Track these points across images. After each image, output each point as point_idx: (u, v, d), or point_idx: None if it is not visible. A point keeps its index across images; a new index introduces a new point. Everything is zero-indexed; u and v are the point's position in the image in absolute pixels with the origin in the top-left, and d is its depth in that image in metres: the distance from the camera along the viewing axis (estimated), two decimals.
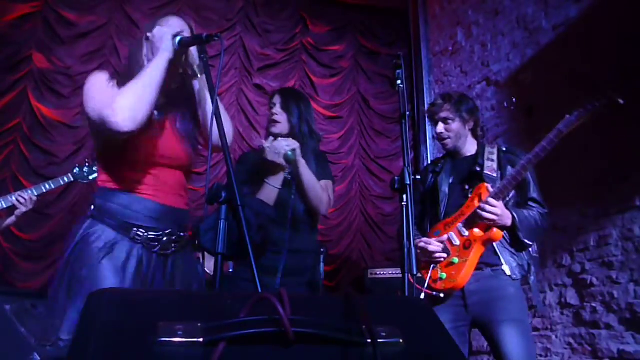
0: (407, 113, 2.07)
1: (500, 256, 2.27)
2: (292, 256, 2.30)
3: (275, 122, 2.41)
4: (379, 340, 0.80)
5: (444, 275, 2.27)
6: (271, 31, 5.87)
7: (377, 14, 6.29)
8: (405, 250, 1.88)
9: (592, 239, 3.48)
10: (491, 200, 2.19)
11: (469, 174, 2.42)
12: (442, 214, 2.42)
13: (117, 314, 0.75)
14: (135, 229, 1.64)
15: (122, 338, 0.72)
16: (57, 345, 1.52)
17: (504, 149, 2.46)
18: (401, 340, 0.83)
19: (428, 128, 5.74)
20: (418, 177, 2.46)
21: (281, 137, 2.34)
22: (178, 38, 1.70)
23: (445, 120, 2.47)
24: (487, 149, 2.45)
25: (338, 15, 6.16)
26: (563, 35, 3.97)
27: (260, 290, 1.35)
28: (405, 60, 2.17)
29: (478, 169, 2.38)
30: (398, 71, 2.13)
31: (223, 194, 1.43)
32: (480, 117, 2.56)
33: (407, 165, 1.97)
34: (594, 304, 3.40)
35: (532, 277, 2.34)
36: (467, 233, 2.28)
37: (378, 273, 4.71)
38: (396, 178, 1.97)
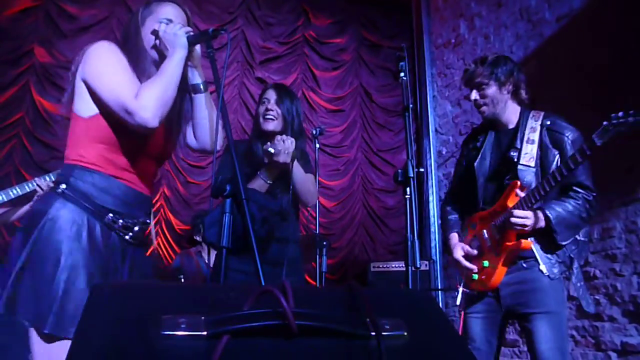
0: (410, 105, 2.06)
1: (537, 255, 2.11)
2: (281, 246, 2.28)
3: (270, 118, 2.35)
4: (383, 333, 0.80)
5: (476, 277, 2.20)
6: (273, 24, 5.85)
7: (379, 6, 6.26)
8: (409, 243, 1.89)
9: (595, 232, 3.47)
10: (517, 212, 2.04)
11: (504, 159, 2.21)
12: (480, 201, 2.27)
13: (120, 307, 0.75)
14: (110, 214, 1.58)
15: (125, 331, 0.72)
16: (17, 324, 1.46)
17: (548, 123, 2.18)
18: (405, 333, 0.83)
19: (431, 120, 5.73)
20: (422, 169, 2.40)
21: (275, 134, 2.31)
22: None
23: (479, 86, 2.25)
24: (530, 122, 2.21)
25: (340, 8, 6.13)
26: (567, 27, 3.95)
27: (263, 283, 1.35)
28: (407, 52, 2.15)
29: (514, 154, 2.16)
30: (401, 63, 2.11)
31: (227, 188, 1.43)
32: (522, 78, 2.29)
33: (410, 158, 1.96)
34: (597, 296, 3.40)
35: (575, 273, 2.15)
36: (498, 236, 2.15)
37: (381, 266, 4.72)
38: (399, 171, 1.96)
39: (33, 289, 1.42)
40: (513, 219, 2.03)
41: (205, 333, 0.73)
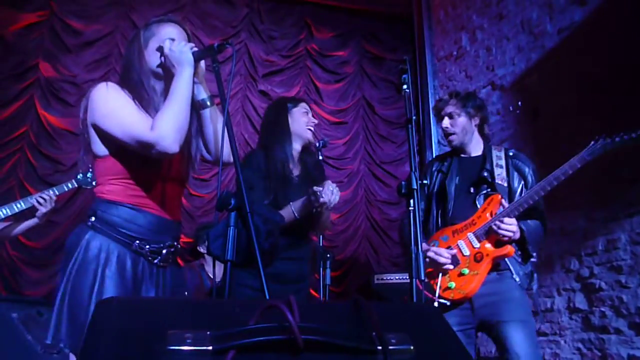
0: (413, 117, 2.07)
1: (510, 266, 2.30)
2: (294, 263, 2.36)
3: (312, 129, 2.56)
4: (389, 347, 0.79)
5: (453, 285, 2.28)
6: (276, 38, 5.89)
7: (382, 19, 6.30)
8: (413, 255, 1.87)
9: (600, 243, 3.45)
10: (507, 219, 2.21)
11: (477, 178, 2.42)
12: (449, 216, 2.42)
13: (126, 322, 0.75)
14: (137, 241, 1.65)
15: (131, 346, 0.72)
16: (62, 353, 1.52)
17: (511, 154, 2.45)
18: (412, 347, 0.82)
19: (434, 132, 5.73)
20: (425, 181, 2.47)
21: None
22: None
23: (451, 115, 2.48)
24: (494, 152, 2.45)
25: (342, 21, 6.17)
26: (568, 39, 3.96)
27: (268, 297, 1.34)
28: (410, 65, 2.16)
29: (486, 174, 2.38)
30: (404, 76, 2.12)
31: (232, 201, 1.43)
32: (487, 115, 2.55)
33: (413, 170, 1.96)
34: (602, 309, 3.37)
35: (535, 286, 2.42)
36: (478, 245, 2.29)
37: (385, 278, 4.69)
38: (403, 183, 1.96)
39: (71, 317, 1.50)
40: (503, 226, 2.20)
41: (211, 348, 0.73)
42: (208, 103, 1.78)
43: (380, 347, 0.79)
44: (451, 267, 2.31)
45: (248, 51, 5.71)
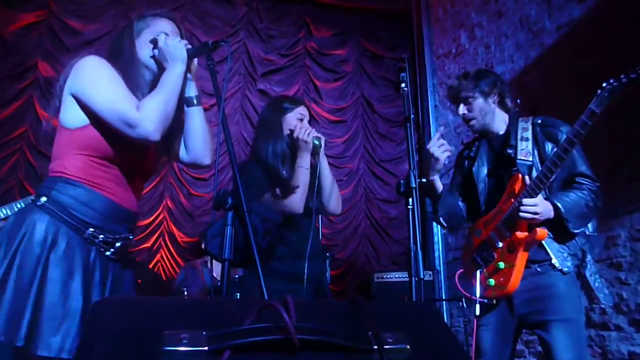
0: (412, 116, 2.06)
1: (548, 249, 2.05)
2: (302, 262, 2.27)
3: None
4: (385, 347, 0.79)
5: (492, 282, 2.10)
6: (274, 36, 5.89)
7: (380, 17, 6.29)
8: (412, 254, 1.87)
9: (600, 240, 3.45)
10: (526, 200, 1.98)
11: (502, 158, 2.21)
12: (483, 206, 2.23)
13: (122, 323, 0.75)
14: (91, 229, 1.55)
15: (127, 347, 0.72)
16: None
17: (539, 121, 2.21)
18: (408, 346, 0.82)
19: (433, 130, 5.73)
20: (424, 180, 2.36)
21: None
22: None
23: (466, 100, 2.28)
24: (520, 124, 2.22)
25: (341, 20, 6.16)
26: (567, 36, 3.96)
27: (266, 297, 1.34)
28: (408, 63, 2.15)
29: (510, 151, 2.17)
30: (402, 74, 2.10)
31: (229, 200, 1.43)
32: (505, 87, 2.32)
33: (412, 168, 1.95)
34: (603, 306, 3.37)
35: (588, 266, 2.10)
36: (508, 234, 2.07)
37: (384, 277, 4.70)
38: (402, 181, 1.96)
39: (9, 303, 1.38)
40: (523, 208, 1.98)
41: (206, 348, 0.72)
42: (195, 102, 1.76)
43: (376, 347, 0.79)
44: (448, 151, 2.20)
45: (247, 50, 5.71)
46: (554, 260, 2.04)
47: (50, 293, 1.43)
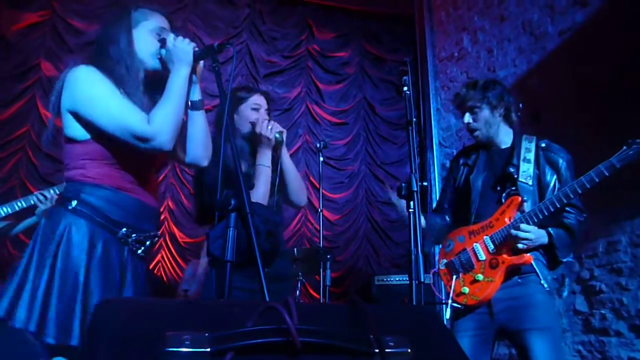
0: (414, 119, 2.06)
1: (537, 270, 2.11)
2: (281, 260, 2.22)
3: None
4: (387, 350, 0.79)
5: (467, 290, 2.16)
6: (277, 38, 5.90)
7: (383, 20, 6.31)
8: (413, 256, 1.87)
9: (601, 245, 3.45)
10: (523, 226, 2.05)
11: (503, 174, 2.23)
12: (473, 215, 2.26)
13: (125, 324, 0.75)
14: (124, 229, 1.58)
15: (130, 348, 0.72)
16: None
17: (543, 145, 2.23)
18: (409, 350, 0.82)
19: (434, 134, 5.73)
20: (425, 183, 2.35)
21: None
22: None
23: (471, 110, 2.28)
24: (524, 143, 2.24)
25: (343, 22, 6.18)
26: (569, 41, 3.96)
27: (267, 299, 1.35)
28: (411, 66, 2.15)
29: (512, 170, 2.19)
30: (404, 77, 2.10)
31: (232, 202, 1.43)
32: (512, 101, 2.30)
33: (414, 171, 1.95)
34: (603, 311, 3.37)
35: (565, 292, 2.21)
36: (494, 250, 2.14)
37: (385, 279, 4.69)
38: (403, 185, 1.95)
39: (56, 307, 1.41)
40: (520, 233, 2.04)
41: (209, 350, 0.73)
42: (198, 106, 1.76)
43: (377, 350, 0.79)
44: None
45: (249, 52, 5.72)
46: (542, 281, 2.10)
47: (93, 295, 1.46)
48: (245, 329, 0.76)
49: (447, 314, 2.16)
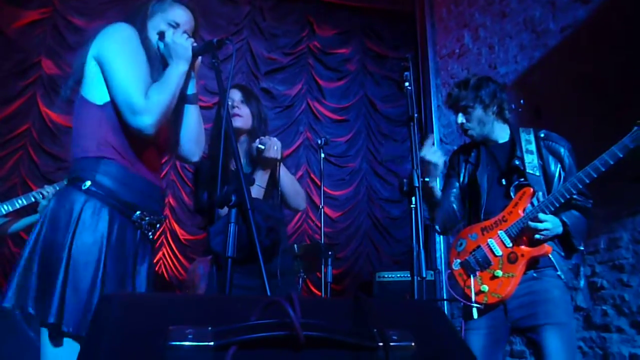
0: (415, 115, 2.06)
1: (555, 263, 2.08)
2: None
3: (238, 115, 2.26)
4: (390, 344, 0.79)
5: (486, 288, 2.11)
6: (278, 35, 5.89)
7: (384, 16, 6.30)
8: (415, 253, 1.87)
9: (602, 242, 3.45)
10: (542, 215, 2.02)
11: (508, 167, 2.21)
12: (482, 211, 2.23)
13: (127, 318, 0.75)
14: (138, 212, 1.54)
15: (133, 342, 0.72)
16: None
17: (542, 135, 2.22)
18: (413, 344, 0.82)
19: (436, 130, 5.73)
20: (427, 179, 2.34)
21: (242, 131, 2.27)
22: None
23: (464, 110, 2.28)
24: (523, 135, 2.23)
25: (344, 19, 6.17)
26: (571, 37, 3.95)
27: (269, 294, 1.35)
28: (412, 62, 2.14)
29: (518, 163, 2.17)
30: (406, 73, 2.10)
31: (233, 198, 1.43)
32: (505, 98, 2.29)
33: (415, 167, 1.95)
34: (604, 307, 3.37)
35: (582, 281, 2.18)
36: (511, 244, 2.10)
37: (386, 276, 4.70)
38: (405, 181, 1.95)
39: (77, 298, 1.36)
40: (539, 225, 2.01)
41: (212, 344, 0.72)
42: (193, 99, 1.76)
43: (381, 344, 0.79)
44: (438, 163, 2.17)
45: (250, 49, 5.71)
46: (559, 272, 2.07)
47: (110, 282, 1.43)
48: (248, 323, 0.76)
49: (475, 315, 2.11)
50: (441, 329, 0.90)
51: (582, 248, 2.11)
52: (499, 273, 2.09)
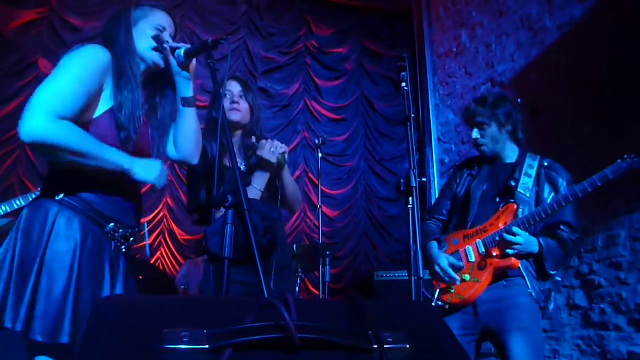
0: (412, 115, 2.06)
1: (526, 279, 2.16)
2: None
3: (236, 109, 2.20)
4: (385, 346, 0.79)
5: (453, 290, 2.24)
6: (275, 34, 5.88)
7: (381, 16, 6.29)
8: (412, 253, 1.88)
9: (600, 240, 3.46)
10: (515, 229, 2.12)
11: (504, 187, 2.30)
12: (470, 222, 2.32)
13: (123, 321, 0.75)
14: (112, 224, 1.54)
15: (129, 345, 0.72)
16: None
17: (546, 164, 2.30)
18: (408, 346, 0.82)
19: (433, 130, 5.73)
20: (424, 179, 2.38)
21: (239, 126, 2.22)
22: (182, 49, 1.68)
23: (480, 125, 2.34)
24: (528, 160, 2.32)
25: (342, 18, 6.16)
26: (568, 35, 3.95)
27: (266, 295, 1.35)
28: (409, 62, 2.15)
29: (513, 184, 2.26)
30: (403, 73, 2.11)
31: (230, 199, 1.43)
32: (520, 119, 2.37)
33: (413, 167, 1.96)
34: (602, 305, 3.38)
35: (552, 305, 2.28)
36: (484, 252, 2.22)
37: (384, 275, 4.70)
38: (402, 180, 1.96)
39: (49, 304, 1.36)
40: (511, 237, 2.11)
41: (207, 347, 0.73)
42: (191, 102, 1.76)
43: (376, 346, 0.79)
44: (458, 282, 2.24)
45: (247, 48, 5.70)
46: (530, 290, 2.14)
47: (85, 291, 1.43)
48: (243, 326, 0.76)
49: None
50: (437, 331, 0.90)
51: (558, 279, 2.19)
52: (467, 277, 2.23)
